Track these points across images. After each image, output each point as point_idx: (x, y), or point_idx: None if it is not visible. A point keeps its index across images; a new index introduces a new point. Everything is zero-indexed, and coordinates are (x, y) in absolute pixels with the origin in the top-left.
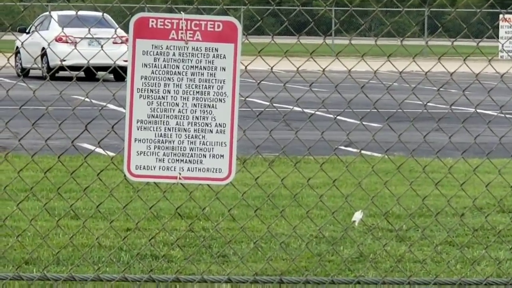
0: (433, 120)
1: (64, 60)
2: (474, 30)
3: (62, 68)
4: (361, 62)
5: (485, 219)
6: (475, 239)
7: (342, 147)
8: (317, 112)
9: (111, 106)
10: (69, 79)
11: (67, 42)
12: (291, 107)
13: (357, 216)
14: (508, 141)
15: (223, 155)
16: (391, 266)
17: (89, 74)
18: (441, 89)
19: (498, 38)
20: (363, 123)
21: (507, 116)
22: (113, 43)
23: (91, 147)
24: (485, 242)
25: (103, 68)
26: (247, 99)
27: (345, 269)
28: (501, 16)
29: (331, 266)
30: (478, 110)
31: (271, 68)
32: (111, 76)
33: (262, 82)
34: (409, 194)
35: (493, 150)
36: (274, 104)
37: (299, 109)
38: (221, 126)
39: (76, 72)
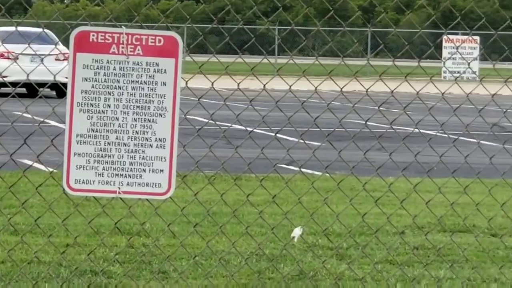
0: (374, 138)
1: (5, 76)
2: (418, 50)
3: (4, 84)
4: (304, 81)
5: (425, 238)
6: (416, 257)
7: (284, 165)
8: (258, 130)
9: (52, 123)
10: (11, 95)
11: (8, 58)
12: (232, 124)
13: (297, 232)
14: (449, 161)
15: (162, 170)
16: (331, 284)
17: (32, 90)
18: (383, 108)
19: (441, 58)
20: (304, 141)
21: (449, 136)
22: (56, 59)
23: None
24: (425, 260)
25: (46, 84)
26: (187, 116)
27: (285, 287)
28: (444, 36)
29: (271, 283)
30: (419, 129)
31: (212, 84)
32: (54, 93)
33: (204, 100)
34: (350, 212)
35: (434, 169)
36: (215, 122)
37: (241, 126)
38: (161, 141)
39: (16, 88)
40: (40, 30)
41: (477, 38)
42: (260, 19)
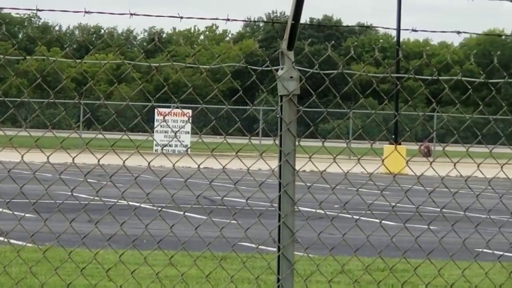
0: (86, 210)
1: None
2: (130, 123)
3: None
4: (14, 152)
5: None
6: None
7: None
8: None
9: None
10: None
11: None
12: None
13: None
14: (157, 233)
15: None
16: None
17: None
18: (93, 180)
19: (153, 131)
20: (13, 212)
21: (156, 207)
22: None
23: None
24: None
25: None
26: None
27: None
28: (156, 109)
29: None
30: (128, 202)
31: None
32: None
33: None
34: (58, 283)
35: (144, 241)
36: None
37: None
38: None
39: None
40: None
41: (189, 111)
42: None
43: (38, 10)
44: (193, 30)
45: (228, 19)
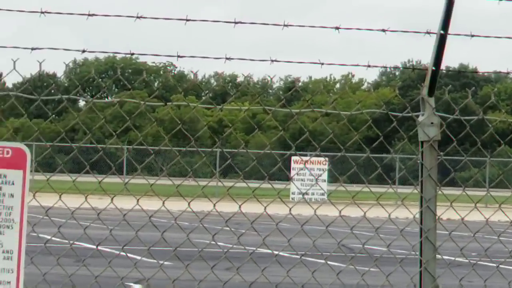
0: (226, 258)
1: None
2: (267, 171)
3: None
4: (155, 200)
5: None
6: None
7: (131, 284)
8: (106, 248)
9: None
10: None
11: None
12: (81, 243)
13: None
14: (298, 281)
15: (10, 282)
16: None
17: None
18: (231, 228)
19: (289, 179)
20: (159, 261)
21: (299, 254)
22: None
23: None
24: None
25: None
26: (33, 233)
27: None
28: (293, 158)
29: None
30: (271, 250)
31: (60, 197)
32: None
33: (54, 219)
34: None
35: None
36: (70, 242)
37: (89, 245)
38: (8, 252)
39: None
40: None
41: (326, 159)
42: (109, 138)
43: (179, 56)
44: (329, 79)
45: (368, 65)
